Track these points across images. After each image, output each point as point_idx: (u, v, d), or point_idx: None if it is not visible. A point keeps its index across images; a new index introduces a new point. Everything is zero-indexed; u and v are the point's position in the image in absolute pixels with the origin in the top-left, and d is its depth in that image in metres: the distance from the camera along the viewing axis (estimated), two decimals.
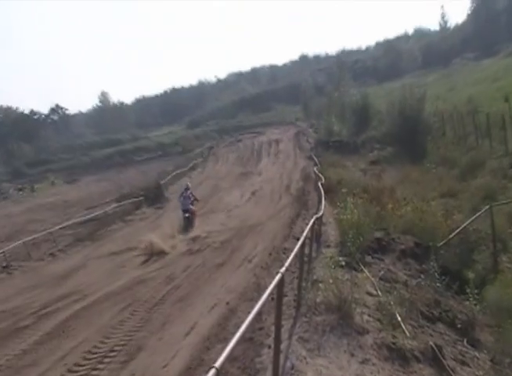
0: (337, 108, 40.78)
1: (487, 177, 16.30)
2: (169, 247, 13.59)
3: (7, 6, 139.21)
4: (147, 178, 33.71)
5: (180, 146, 54.45)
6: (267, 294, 3.55)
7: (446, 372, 4.87)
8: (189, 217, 16.17)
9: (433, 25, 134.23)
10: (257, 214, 17.27)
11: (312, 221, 8.12)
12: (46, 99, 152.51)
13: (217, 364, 2.34)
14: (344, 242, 8.99)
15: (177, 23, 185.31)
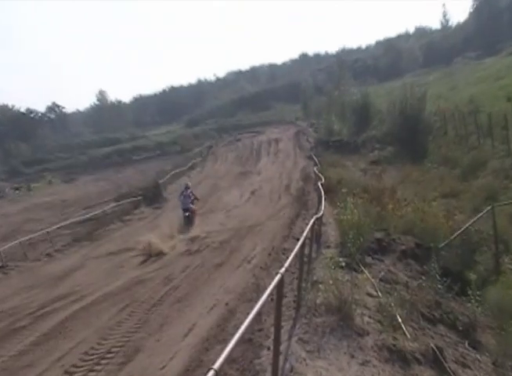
0: (337, 107, 40.76)
1: (489, 177, 16.33)
2: (168, 247, 13.58)
3: (5, 4, 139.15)
4: (145, 177, 33.75)
5: (179, 146, 54.43)
6: (266, 294, 3.54)
7: (447, 374, 4.87)
8: (190, 216, 16.31)
9: (434, 24, 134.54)
10: (256, 214, 17.27)
11: (312, 221, 8.10)
12: (43, 98, 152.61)
13: (216, 366, 2.34)
14: (344, 242, 8.99)
15: (176, 23, 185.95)
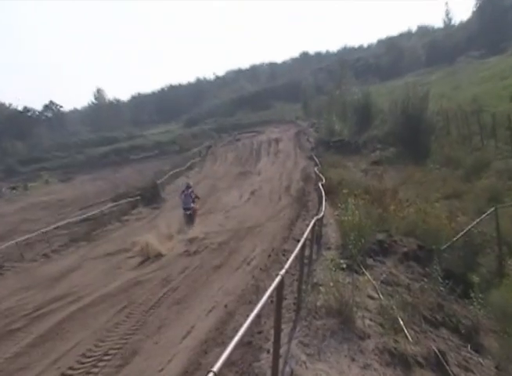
0: (339, 107, 40.73)
1: (492, 178, 16.32)
2: (166, 248, 13.57)
3: (4, 3, 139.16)
4: (143, 177, 33.75)
5: (177, 145, 54.44)
6: (266, 296, 3.55)
7: None
8: (191, 214, 16.59)
9: (437, 22, 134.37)
10: (256, 215, 17.27)
11: (313, 222, 8.11)
12: (40, 96, 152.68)
13: (215, 368, 2.34)
14: (345, 244, 9.00)
15: (175, 22, 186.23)
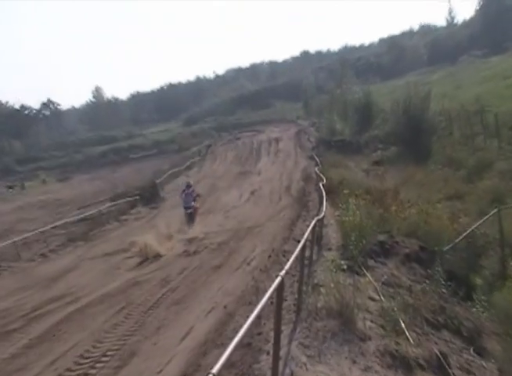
0: (339, 106, 40.76)
1: (495, 179, 16.26)
2: (165, 249, 13.57)
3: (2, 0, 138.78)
4: (142, 176, 33.74)
5: (176, 144, 54.40)
6: (266, 297, 3.54)
7: None
8: (191, 213, 16.72)
9: (439, 21, 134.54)
10: (256, 215, 17.29)
11: (313, 222, 8.10)
12: (38, 94, 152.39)
13: (214, 370, 2.33)
14: (346, 245, 9.00)
15: (175, 20, 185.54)
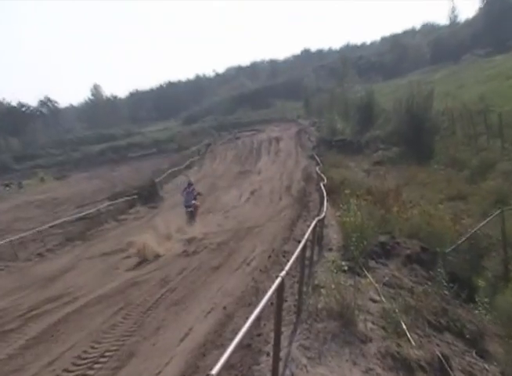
0: (341, 105, 40.75)
1: (498, 179, 16.23)
2: (164, 249, 13.55)
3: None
4: (141, 175, 33.75)
5: (176, 143, 54.42)
6: (266, 298, 3.55)
7: None
8: (192, 211, 16.92)
9: (442, 19, 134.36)
10: (256, 215, 17.30)
11: (314, 223, 8.10)
12: (35, 92, 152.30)
13: (213, 372, 2.34)
14: (347, 246, 9.00)
15: (175, 19, 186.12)
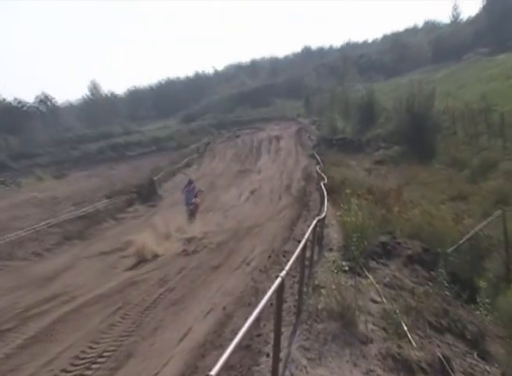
0: (341, 104, 40.79)
1: (500, 179, 16.28)
2: (163, 249, 13.55)
3: None
4: (140, 174, 33.70)
5: (175, 141, 54.36)
6: (266, 299, 3.54)
7: None
8: (192, 209, 17.04)
9: (444, 18, 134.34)
10: (255, 214, 17.30)
11: (314, 223, 8.09)
12: (33, 89, 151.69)
13: (213, 372, 2.33)
14: (348, 246, 9.00)
15: (174, 17, 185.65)
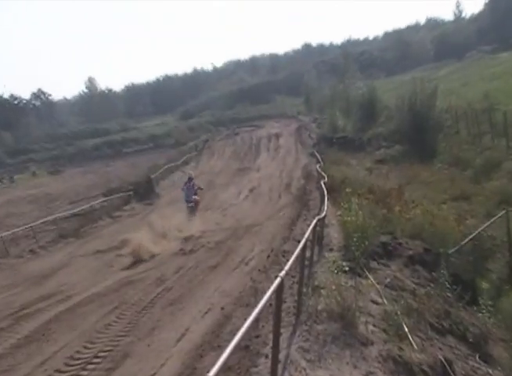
0: (342, 102, 40.83)
1: (503, 179, 16.25)
2: (160, 248, 13.52)
3: None
4: (137, 171, 33.78)
5: (172, 138, 54.38)
6: (265, 299, 3.53)
7: None
8: (192, 207, 17.02)
9: (447, 15, 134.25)
10: (254, 213, 17.32)
11: (314, 222, 8.08)
12: (28, 84, 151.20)
13: (211, 373, 2.33)
14: (348, 246, 8.99)
15: (173, 14, 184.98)
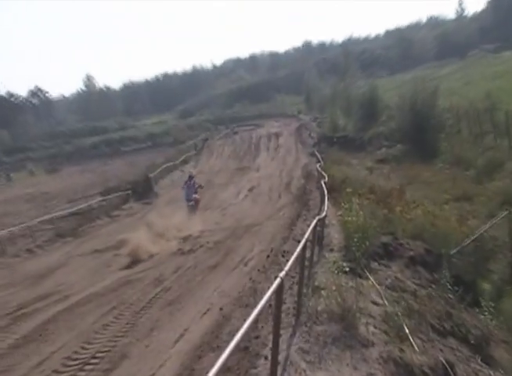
0: (343, 101, 40.85)
1: (506, 180, 16.24)
2: (158, 248, 13.51)
3: None
4: (135, 170, 33.73)
5: (171, 137, 54.39)
6: (265, 300, 3.54)
7: None
8: (193, 205, 17.13)
9: (449, 13, 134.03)
10: (254, 213, 17.31)
11: (314, 222, 8.08)
12: (25, 82, 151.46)
13: (210, 375, 2.35)
14: (349, 246, 9.00)
15: (172, 13, 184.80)
